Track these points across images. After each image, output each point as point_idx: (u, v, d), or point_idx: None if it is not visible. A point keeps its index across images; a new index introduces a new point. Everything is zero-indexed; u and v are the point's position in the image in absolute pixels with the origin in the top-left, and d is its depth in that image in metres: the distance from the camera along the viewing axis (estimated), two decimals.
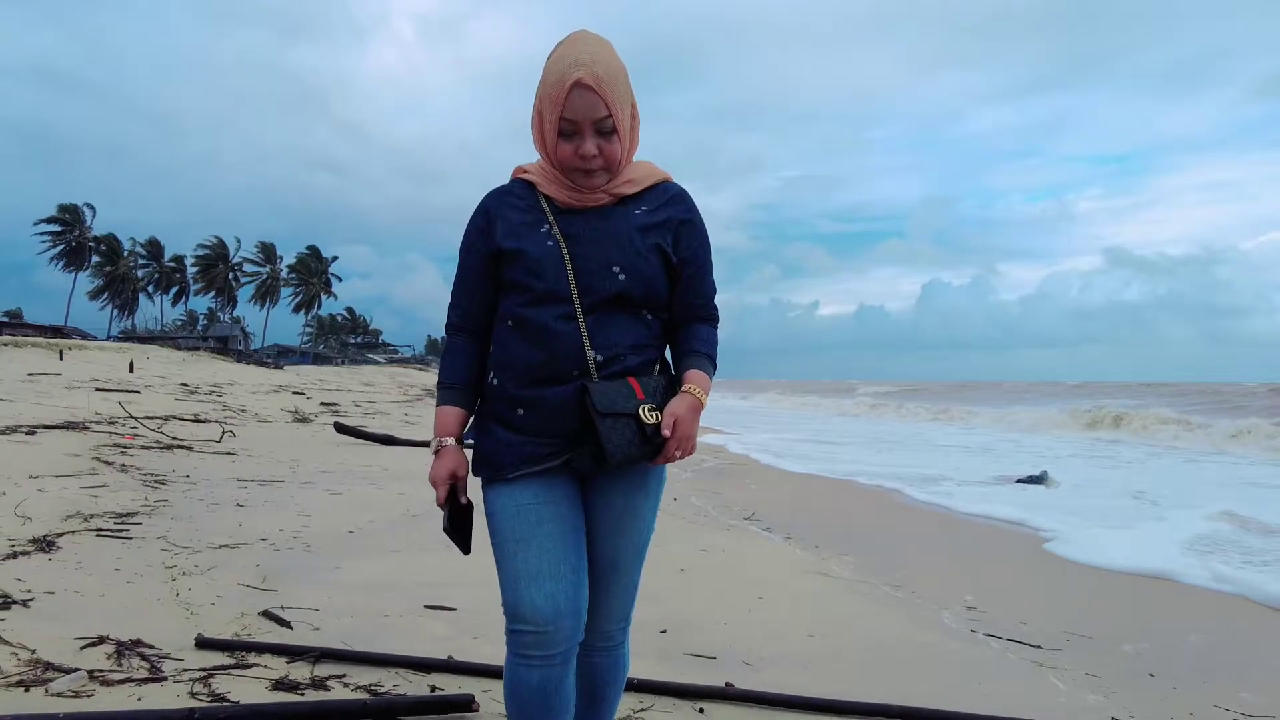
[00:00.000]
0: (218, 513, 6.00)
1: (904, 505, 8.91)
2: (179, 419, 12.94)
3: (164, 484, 7.06)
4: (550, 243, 1.86)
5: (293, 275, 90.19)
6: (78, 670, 2.83)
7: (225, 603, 3.81)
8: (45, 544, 4.55)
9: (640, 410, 1.80)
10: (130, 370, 25.04)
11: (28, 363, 22.98)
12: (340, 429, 13.03)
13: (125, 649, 3.07)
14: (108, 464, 7.82)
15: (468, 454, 1.96)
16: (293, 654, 3.13)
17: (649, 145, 1.98)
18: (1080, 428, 23.99)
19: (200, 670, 2.92)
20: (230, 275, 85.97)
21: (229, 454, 9.65)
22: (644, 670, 3.05)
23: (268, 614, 3.63)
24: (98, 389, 16.66)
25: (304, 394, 24.57)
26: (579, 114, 1.81)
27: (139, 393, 17.32)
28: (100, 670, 2.87)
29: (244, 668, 2.99)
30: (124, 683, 2.79)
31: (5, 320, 60.79)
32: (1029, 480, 10.81)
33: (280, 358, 76.31)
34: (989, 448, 17.66)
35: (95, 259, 78.66)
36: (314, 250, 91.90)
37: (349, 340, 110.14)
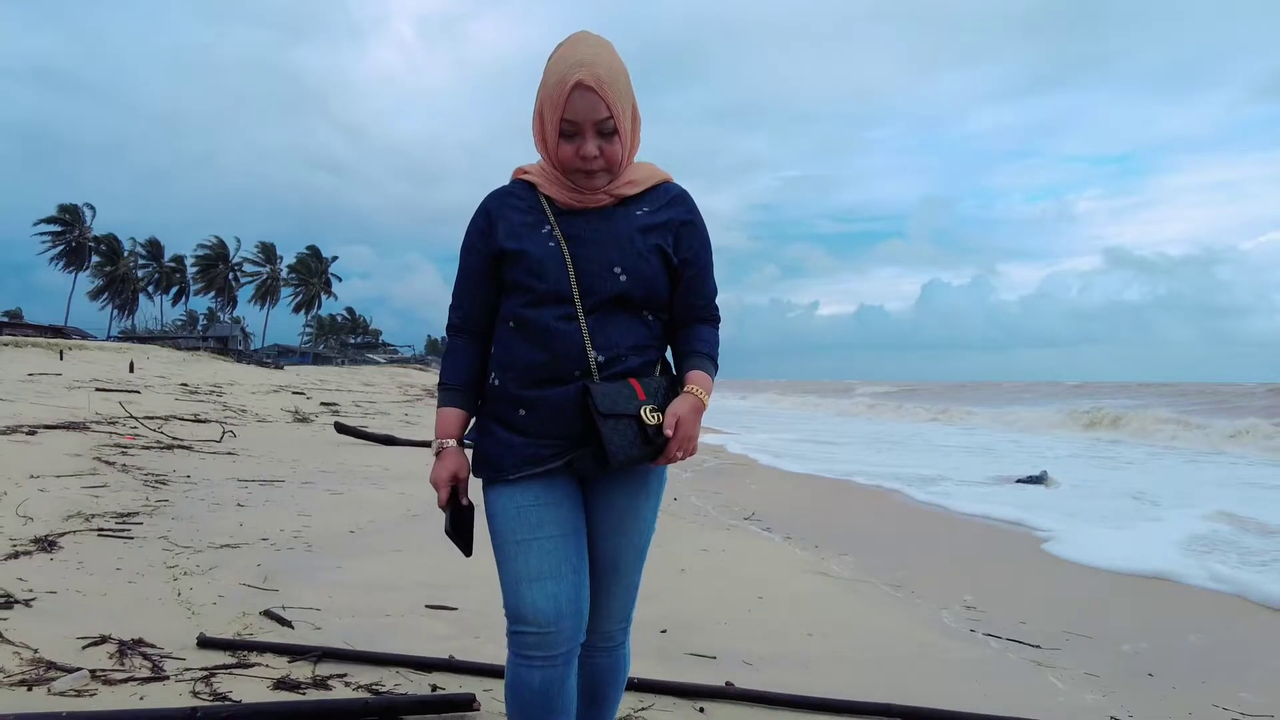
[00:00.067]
0: (218, 513, 6.01)
1: (904, 505, 8.92)
2: (179, 419, 12.94)
3: (165, 484, 7.06)
4: (552, 244, 1.86)
5: (293, 275, 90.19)
6: (80, 669, 2.84)
7: (226, 602, 3.82)
8: (47, 544, 4.56)
9: (642, 411, 1.80)
10: (130, 370, 25.04)
11: (28, 363, 22.99)
12: (341, 429, 13.03)
13: (127, 648, 3.08)
14: (108, 464, 7.83)
15: (468, 455, 1.96)
16: (294, 653, 3.14)
17: (649, 145, 1.98)
18: (1079, 428, 24.01)
19: (202, 669, 2.93)
20: (230, 275, 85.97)
21: (229, 454, 9.66)
22: (644, 670, 3.06)
23: (269, 613, 3.64)
24: (98, 389, 16.65)
25: (304, 394, 24.56)
26: (580, 115, 1.81)
27: (139, 393, 17.32)
28: (102, 669, 2.88)
29: (246, 667, 3.00)
30: (126, 682, 2.80)
31: (5, 320, 60.77)
32: (1029, 480, 10.81)
33: (280, 358, 76.29)
34: (989, 448, 17.66)
35: (95, 259, 78.65)
36: (314, 250, 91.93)
37: (349, 340, 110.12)
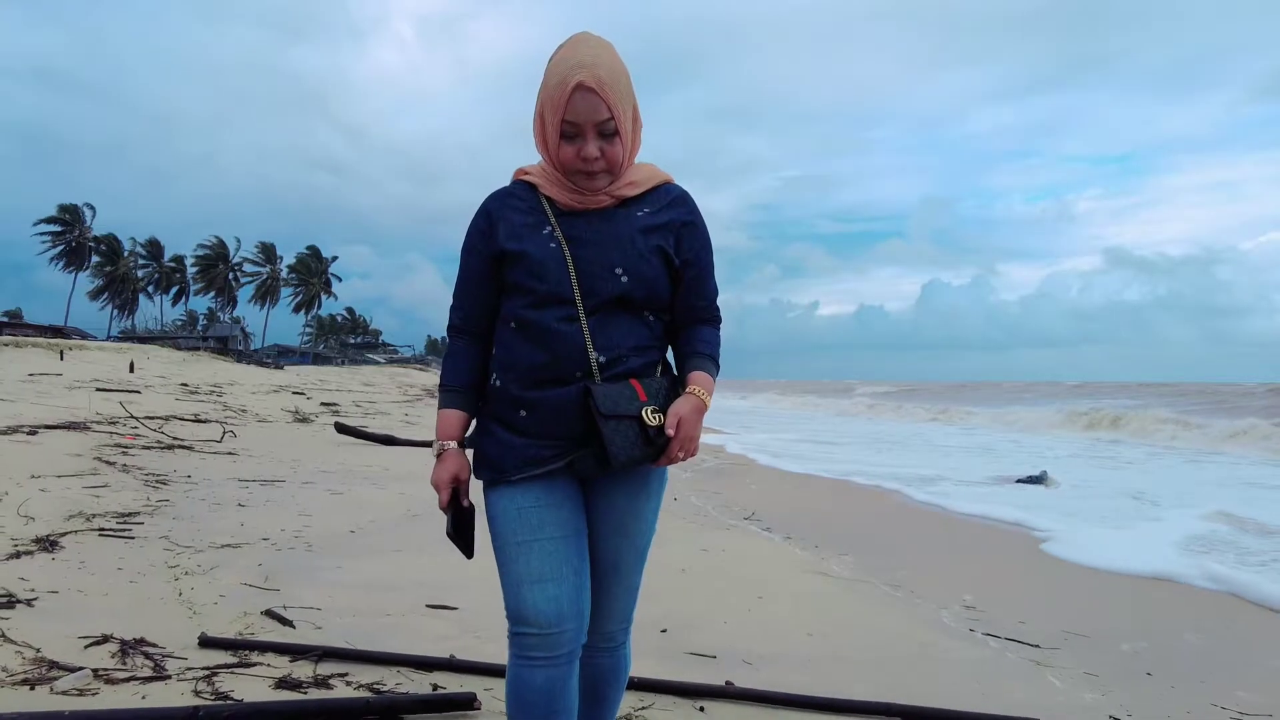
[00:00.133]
0: (219, 512, 6.02)
1: (903, 505, 8.93)
2: (180, 419, 12.95)
3: (165, 484, 7.07)
4: (553, 245, 1.86)
5: (293, 275, 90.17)
6: (82, 669, 2.85)
7: (228, 602, 3.83)
8: (48, 543, 4.57)
9: (643, 412, 1.80)
10: (131, 370, 25.05)
11: (28, 363, 23.00)
12: (341, 429, 13.04)
13: (129, 648, 3.09)
14: (109, 464, 7.84)
15: (470, 456, 1.95)
16: (295, 653, 3.15)
17: (648, 146, 1.97)
18: (1079, 428, 24.02)
19: (204, 669, 2.94)
20: (230, 275, 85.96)
21: (230, 454, 9.67)
22: (645, 669, 3.06)
23: (270, 613, 3.64)
24: (98, 389, 16.67)
25: (304, 394, 24.57)
26: (581, 116, 1.80)
27: (139, 393, 17.33)
28: (105, 669, 2.89)
29: (247, 666, 3.01)
30: (128, 681, 2.81)
31: (5, 320, 60.76)
32: (1028, 480, 10.83)
33: (280, 358, 76.29)
34: (988, 448, 17.68)
35: (95, 259, 78.64)
36: (314, 250, 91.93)
37: (349, 340, 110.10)
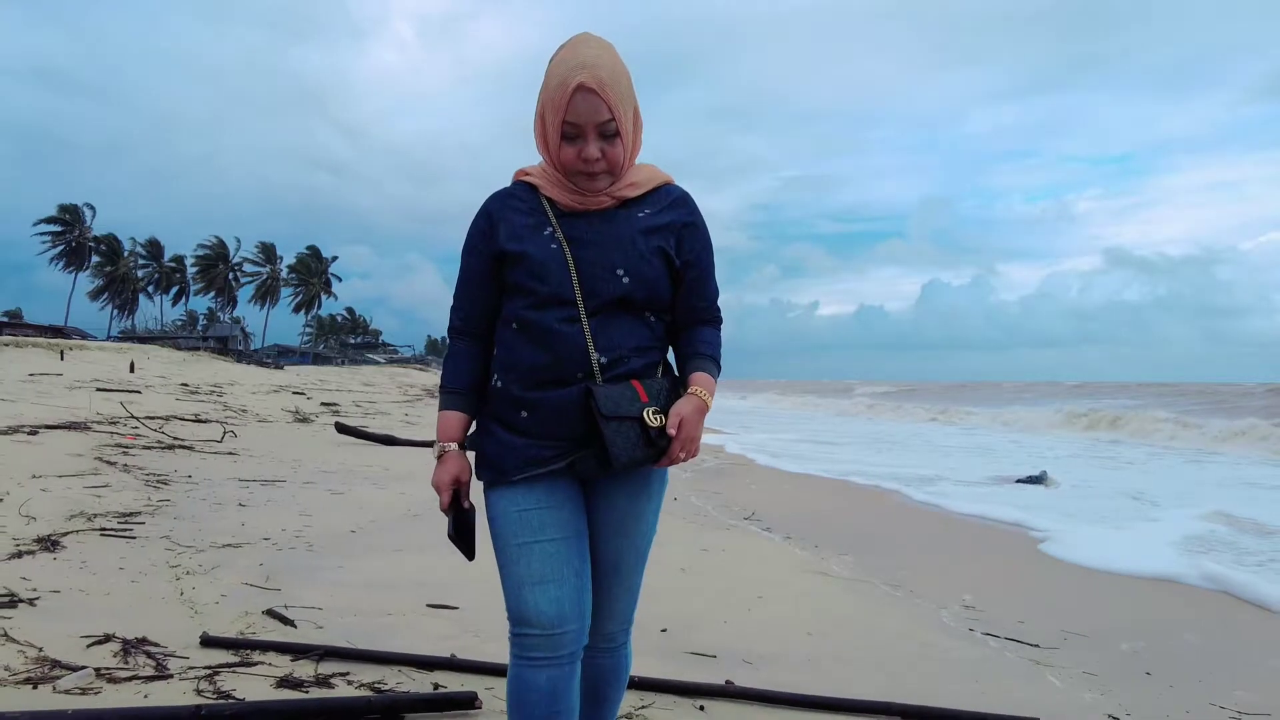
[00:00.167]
0: (220, 512, 6.03)
1: (903, 505, 8.94)
2: (180, 419, 12.96)
3: (166, 484, 7.08)
4: (554, 246, 1.85)
5: (293, 275, 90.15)
6: (85, 668, 2.85)
7: (229, 601, 3.84)
8: (50, 543, 4.58)
9: (644, 413, 1.80)
10: (131, 370, 25.05)
11: (29, 363, 22.99)
12: (341, 429, 13.05)
13: (131, 647, 3.10)
14: (110, 464, 7.85)
15: (471, 458, 1.95)
16: (297, 652, 3.15)
17: (648, 146, 1.97)
18: (1079, 428, 24.03)
19: (206, 668, 2.95)
20: (230, 275, 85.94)
21: (230, 454, 9.68)
22: (645, 668, 3.07)
23: (271, 612, 3.65)
24: (99, 389, 16.67)
25: (304, 394, 24.57)
26: (582, 117, 1.80)
27: (140, 393, 17.34)
28: (107, 668, 2.89)
29: (249, 666, 3.02)
30: (131, 680, 2.82)
31: (5, 320, 60.76)
32: (1028, 480, 10.84)
33: (280, 358, 76.27)
34: (989, 448, 17.69)
35: (95, 259, 78.61)
36: (314, 250, 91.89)
37: (349, 340, 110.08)
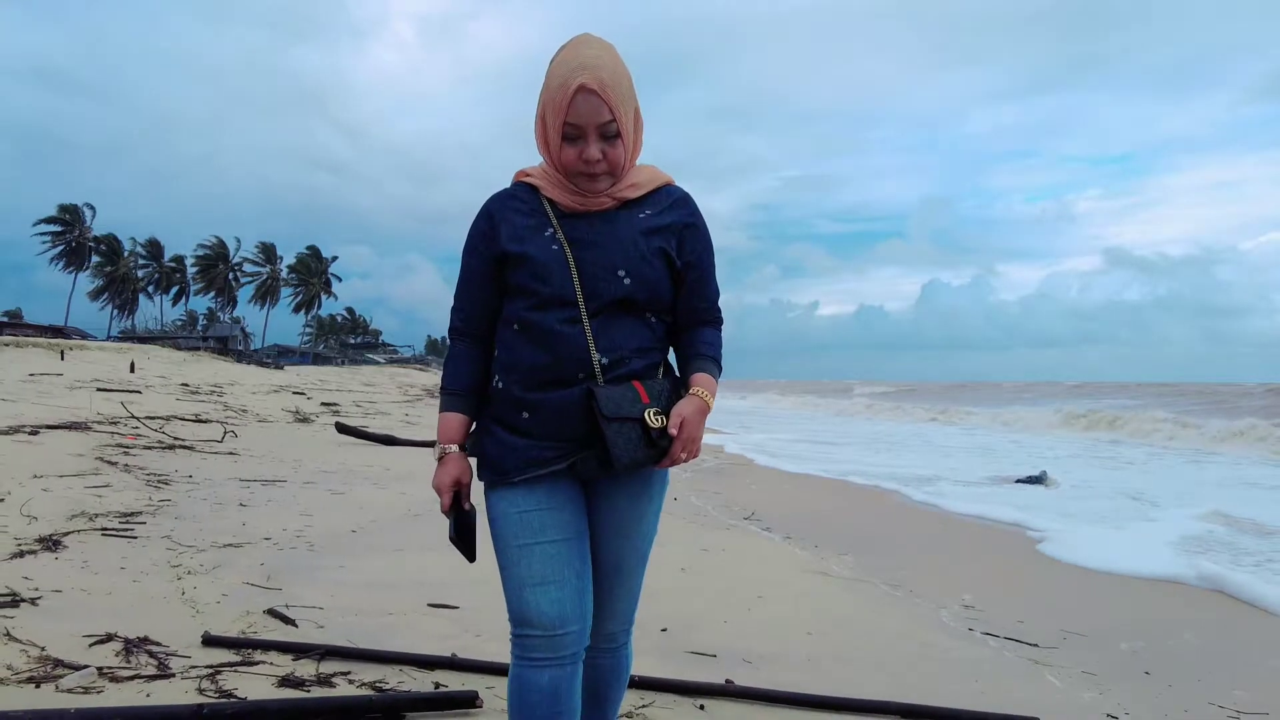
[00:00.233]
0: (221, 512, 6.04)
1: (903, 505, 8.95)
2: (180, 419, 12.97)
3: (167, 484, 7.09)
4: (555, 247, 1.86)
5: (293, 275, 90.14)
6: (87, 667, 2.86)
7: (230, 601, 3.85)
8: (51, 543, 4.59)
9: (646, 414, 1.80)
10: (131, 370, 25.05)
11: (29, 363, 23.01)
12: (341, 429, 13.06)
13: (133, 646, 3.10)
14: (111, 464, 7.86)
15: (471, 460, 1.95)
16: (298, 651, 3.16)
17: (648, 146, 1.97)
18: (1079, 428, 24.04)
19: (207, 667, 2.96)
20: (230, 275, 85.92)
21: (231, 454, 9.69)
22: (645, 667, 3.08)
23: (273, 612, 3.66)
24: (99, 389, 16.68)
25: (304, 394, 24.58)
26: (583, 118, 1.80)
27: (140, 393, 17.34)
28: (109, 667, 2.90)
29: (250, 665, 3.03)
30: (133, 679, 2.83)
31: (5, 320, 60.75)
32: (1028, 480, 10.85)
33: (280, 358, 76.23)
34: (989, 448, 17.70)
35: (95, 259, 78.61)
36: (314, 250, 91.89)
37: (349, 340, 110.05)
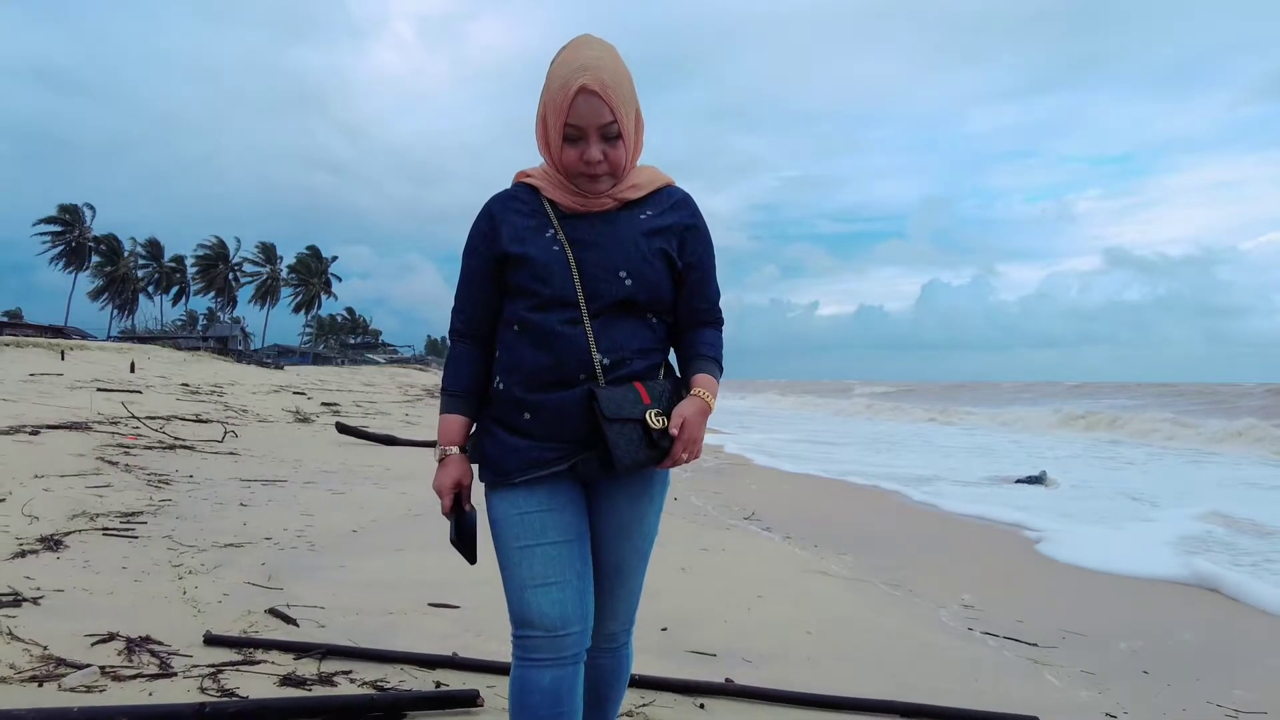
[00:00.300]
0: (222, 512, 6.05)
1: (902, 505, 8.96)
2: (181, 419, 12.98)
3: (168, 484, 7.10)
4: (556, 248, 1.86)
5: (293, 275, 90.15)
6: (90, 666, 2.88)
7: (232, 600, 3.86)
8: (53, 543, 4.60)
9: (647, 415, 1.80)
10: (131, 370, 25.07)
11: (29, 363, 23.02)
12: (342, 429, 13.07)
13: (135, 645, 3.12)
14: (111, 464, 7.86)
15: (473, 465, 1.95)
16: (299, 651, 3.18)
17: (648, 146, 1.97)
18: (1076, 429, 24.06)
19: (209, 666, 2.97)
20: (230, 275, 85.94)
21: (231, 454, 9.69)
22: (645, 666, 3.08)
23: (274, 611, 3.67)
24: (100, 389, 16.68)
25: (305, 394, 24.59)
26: (584, 120, 1.80)
27: (140, 393, 17.35)
28: (111, 666, 2.91)
29: (252, 664, 3.04)
30: (135, 678, 2.84)
31: (5, 320, 60.75)
32: (1028, 481, 10.86)
33: (280, 358, 76.23)
34: (988, 448, 17.71)
35: (95, 259, 78.61)
36: (314, 250, 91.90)
37: (349, 340, 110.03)
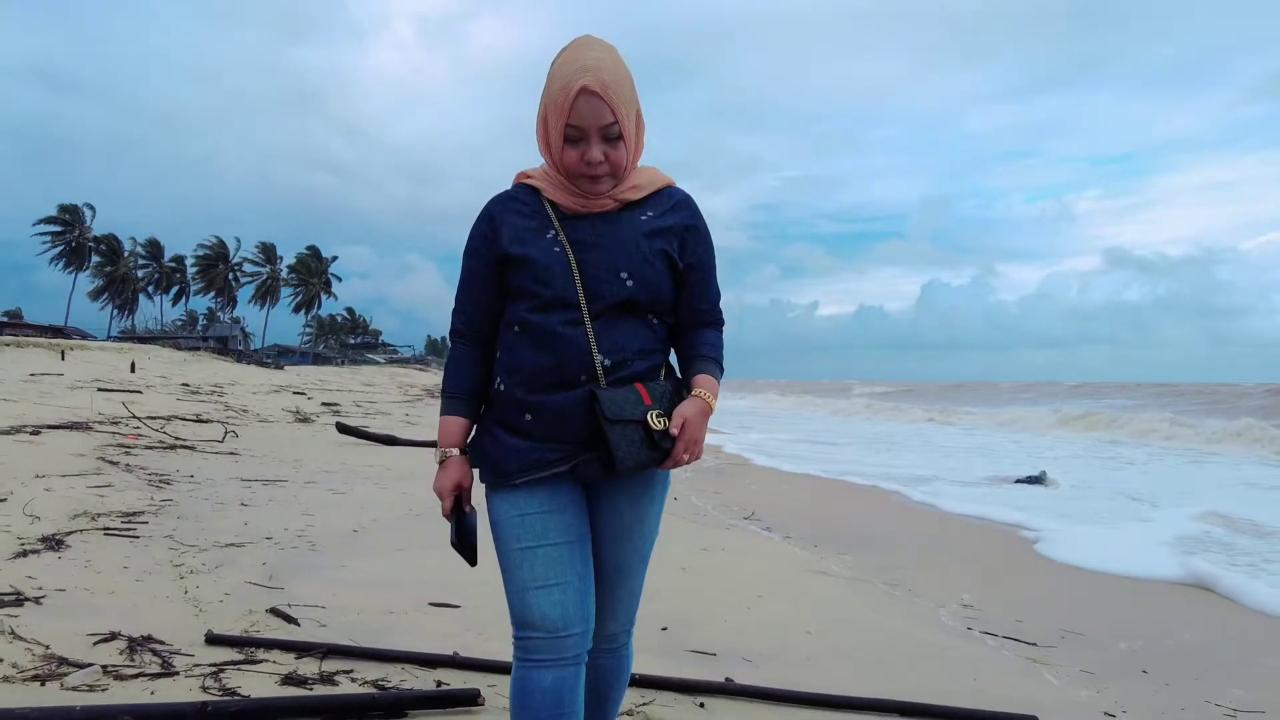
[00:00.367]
0: (223, 512, 6.05)
1: (902, 505, 8.97)
2: (181, 419, 12.99)
3: (169, 484, 7.11)
4: (557, 249, 1.86)
5: (293, 275, 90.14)
6: (92, 665, 2.88)
7: (233, 600, 3.87)
8: (54, 542, 4.60)
9: (648, 416, 1.80)
10: (132, 370, 25.08)
11: (30, 363, 23.03)
12: (342, 429, 13.07)
13: (137, 645, 3.12)
14: (112, 464, 7.87)
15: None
16: (301, 650, 3.18)
17: (648, 146, 1.98)
18: (1076, 429, 24.06)
19: (211, 665, 2.98)
20: (230, 275, 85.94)
21: (232, 454, 9.70)
22: (646, 666, 3.09)
23: (275, 611, 3.68)
24: (100, 389, 16.69)
25: (305, 394, 24.60)
26: (585, 120, 1.81)
27: (141, 393, 17.36)
28: (114, 665, 2.92)
29: (253, 663, 3.05)
30: (137, 677, 2.84)
31: (5, 320, 60.75)
32: (1027, 481, 10.87)
33: (280, 358, 76.23)
34: (988, 448, 17.71)
35: (95, 259, 78.60)
36: (314, 250, 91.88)
37: (349, 340, 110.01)
